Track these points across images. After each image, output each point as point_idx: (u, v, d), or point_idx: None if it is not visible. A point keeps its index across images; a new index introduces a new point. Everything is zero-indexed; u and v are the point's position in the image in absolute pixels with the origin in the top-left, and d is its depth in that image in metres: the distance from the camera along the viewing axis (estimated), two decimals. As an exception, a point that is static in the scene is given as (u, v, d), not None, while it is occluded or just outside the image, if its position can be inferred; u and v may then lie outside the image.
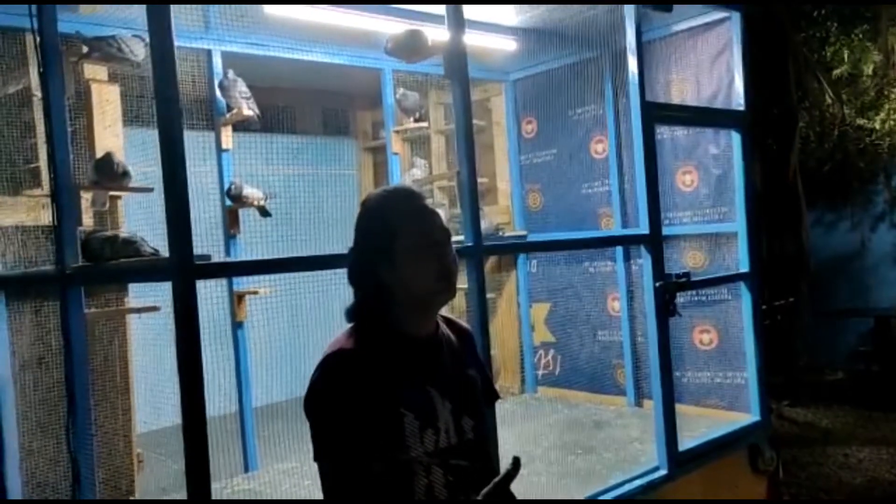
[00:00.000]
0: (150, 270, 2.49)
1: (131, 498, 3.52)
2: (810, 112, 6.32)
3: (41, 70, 2.63)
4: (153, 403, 3.93)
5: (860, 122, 6.52)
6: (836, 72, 6.48)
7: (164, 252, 2.59)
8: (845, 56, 6.24)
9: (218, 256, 3.88)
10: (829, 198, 7.48)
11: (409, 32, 3.45)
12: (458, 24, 2.89)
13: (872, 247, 8.01)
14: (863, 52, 6.34)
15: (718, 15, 4.28)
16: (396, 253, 1.52)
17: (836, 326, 7.91)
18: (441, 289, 1.56)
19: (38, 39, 2.63)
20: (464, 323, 1.78)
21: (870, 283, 8.04)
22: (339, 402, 1.45)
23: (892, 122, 6.28)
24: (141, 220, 3.69)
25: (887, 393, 6.87)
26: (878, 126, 6.35)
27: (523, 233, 5.30)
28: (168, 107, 2.15)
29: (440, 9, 2.93)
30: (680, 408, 3.87)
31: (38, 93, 3.44)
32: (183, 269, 2.12)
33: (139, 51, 3.10)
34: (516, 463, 1.46)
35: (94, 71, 3.54)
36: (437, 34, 3.53)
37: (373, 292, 1.56)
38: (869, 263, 8.09)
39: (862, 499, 5.04)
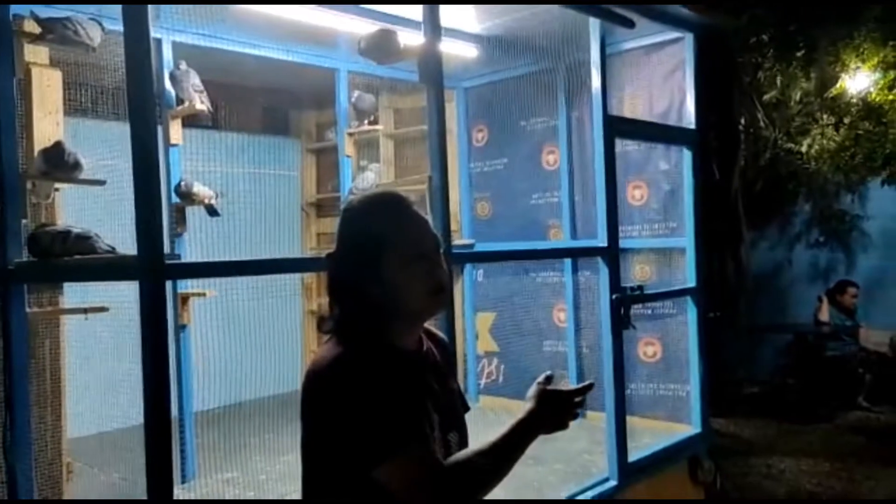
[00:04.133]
0: (115, 269, 2.32)
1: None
2: (746, 134, 6.56)
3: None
4: (79, 409, 3.71)
5: (789, 145, 6.83)
6: (766, 97, 6.74)
7: (121, 250, 2.44)
8: (778, 81, 6.52)
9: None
10: (753, 217, 7.78)
11: (381, 32, 3.35)
12: (435, 28, 2.85)
13: (791, 265, 8.40)
14: (791, 79, 6.62)
15: (671, 35, 4.37)
16: (384, 265, 1.41)
17: (756, 341, 8.22)
18: (433, 303, 1.48)
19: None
20: (441, 333, 1.71)
21: (788, 301, 8.41)
22: (382, 388, 1.33)
23: (817, 147, 6.60)
24: (75, 215, 3.48)
25: (803, 406, 7.17)
26: (804, 150, 6.66)
27: (471, 241, 5.27)
28: (141, 100, 2.04)
29: (405, 12, 2.87)
30: (625, 419, 3.91)
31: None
32: (153, 269, 1.99)
33: (96, 35, 2.91)
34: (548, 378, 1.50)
35: (36, 53, 3.30)
36: (406, 38, 3.47)
37: (359, 305, 1.45)
38: (787, 281, 8.47)
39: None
